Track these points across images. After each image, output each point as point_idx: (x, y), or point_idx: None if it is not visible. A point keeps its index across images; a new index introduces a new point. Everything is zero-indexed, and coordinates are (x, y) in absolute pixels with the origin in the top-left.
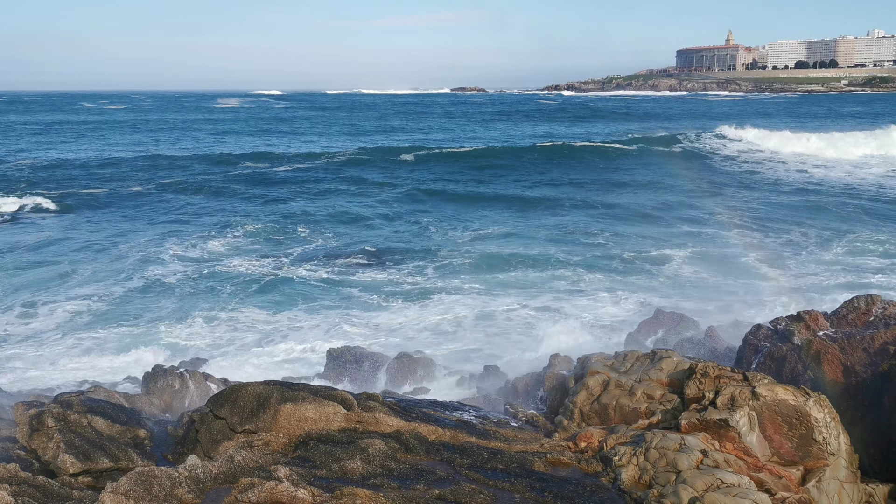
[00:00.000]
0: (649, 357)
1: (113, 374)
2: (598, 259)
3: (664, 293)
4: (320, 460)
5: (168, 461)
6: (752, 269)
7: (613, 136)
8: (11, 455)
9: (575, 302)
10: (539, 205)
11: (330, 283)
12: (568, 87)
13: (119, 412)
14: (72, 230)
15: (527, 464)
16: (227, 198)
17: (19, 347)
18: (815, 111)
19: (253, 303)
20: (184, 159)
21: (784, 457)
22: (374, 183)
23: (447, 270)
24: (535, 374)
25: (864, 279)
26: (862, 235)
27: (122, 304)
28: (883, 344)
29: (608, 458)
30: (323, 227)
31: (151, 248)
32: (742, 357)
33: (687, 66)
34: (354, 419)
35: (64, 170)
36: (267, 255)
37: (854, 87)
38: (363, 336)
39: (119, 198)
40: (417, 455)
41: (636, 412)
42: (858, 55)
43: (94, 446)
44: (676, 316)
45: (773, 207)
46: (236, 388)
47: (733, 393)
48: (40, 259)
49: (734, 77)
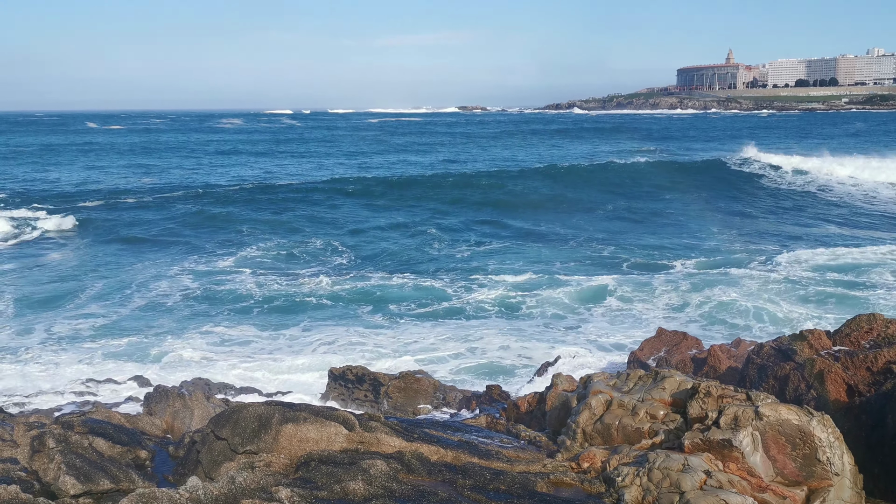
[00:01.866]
0: (652, 376)
1: (114, 394)
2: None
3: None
4: (322, 481)
5: (169, 482)
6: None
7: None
8: (12, 476)
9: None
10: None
11: (335, 302)
12: (569, 106)
13: (120, 433)
14: (79, 250)
15: (529, 485)
16: (237, 219)
17: (20, 366)
18: (829, 130)
19: (255, 321)
20: (197, 182)
21: (788, 477)
22: (387, 207)
23: (456, 291)
24: (538, 393)
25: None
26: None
27: (126, 322)
28: (886, 363)
29: (611, 478)
30: (331, 246)
31: (159, 267)
32: (745, 376)
33: (688, 85)
34: (356, 440)
35: (66, 187)
36: (273, 274)
37: (855, 105)
38: (365, 355)
39: (129, 216)
40: (419, 476)
41: (639, 432)
42: (858, 73)
43: (96, 467)
44: (679, 335)
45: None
46: (237, 409)
47: (736, 413)
48: (46, 277)
49: (735, 95)
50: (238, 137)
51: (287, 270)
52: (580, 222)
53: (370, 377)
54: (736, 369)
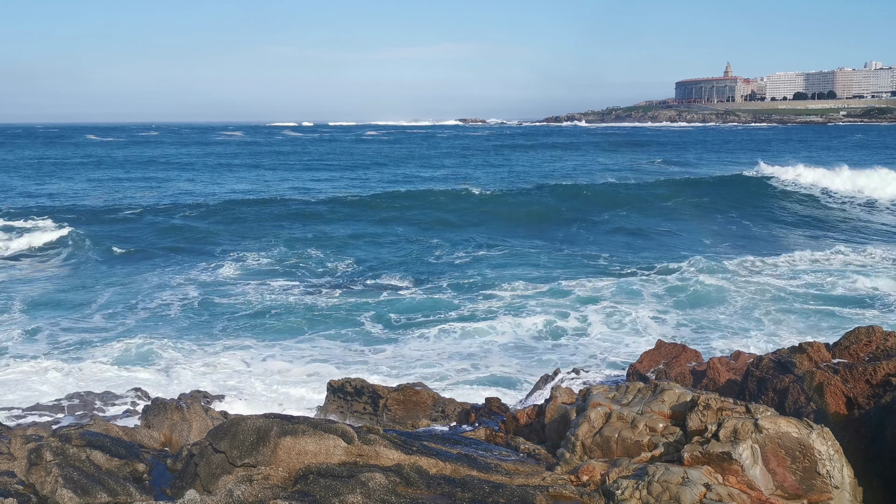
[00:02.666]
0: (651, 389)
1: (112, 407)
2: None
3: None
4: (320, 494)
5: (167, 496)
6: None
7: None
8: (9, 489)
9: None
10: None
11: (335, 313)
12: (568, 118)
13: (118, 446)
14: (83, 264)
15: (528, 498)
16: (235, 231)
17: (19, 376)
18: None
19: (255, 332)
20: (202, 193)
21: (788, 490)
22: (388, 220)
23: (459, 302)
24: (537, 405)
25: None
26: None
27: (122, 333)
28: (885, 375)
29: (610, 491)
30: (337, 257)
31: (161, 277)
32: (744, 389)
33: (686, 98)
34: (355, 452)
35: (67, 200)
36: (275, 285)
37: (853, 119)
38: (364, 367)
39: (129, 227)
40: (418, 489)
41: (638, 445)
42: (856, 86)
43: (93, 480)
44: (678, 347)
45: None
46: (236, 422)
47: (736, 425)
48: (51, 287)
49: (733, 108)
50: (236, 150)
51: (287, 282)
52: (586, 235)
53: (369, 389)
54: (735, 382)
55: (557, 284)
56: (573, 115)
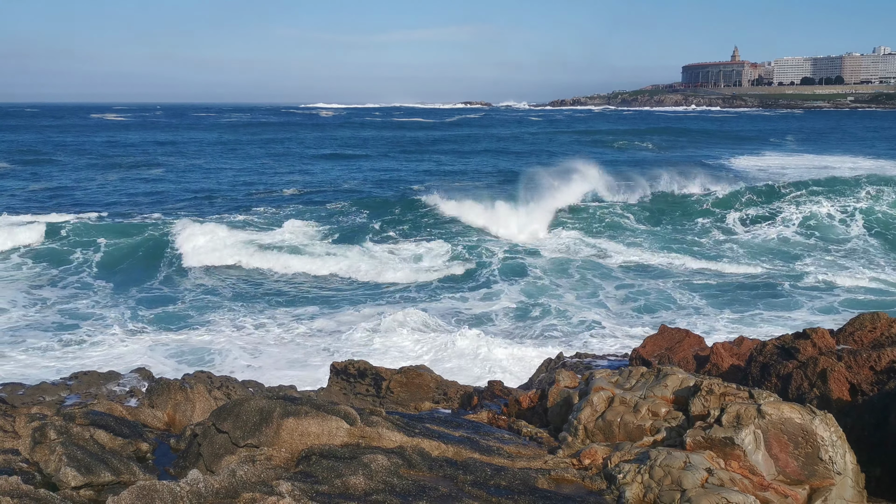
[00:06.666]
0: (654, 374)
1: (116, 386)
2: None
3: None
4: (322, 475)
5: (170, 475)
6: None
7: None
8: (13, 468)
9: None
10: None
11: (340, 295)
12: (574, 102)
13: (122, 425)
14: (88, 248)
15: (530, 481)
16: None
17: (23, 354)
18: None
19: (257, 314)
20: (200, 183)
21: (790, 476)
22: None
23: (466, 288)
24: (540, 389)
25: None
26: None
27: (128, 313)
28: (889, 362)
29: (612, 475)
30: (354, 235)
31: (170, 261)
32: (747, 374)
33: (692, 82)
34: (357, 434)
35: (68, 191)
36: (284, 266)
37: (860, 104)
38: (368, 350)
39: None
40: (420, 471)
41: (641, 429)
42: (864, 72)
43: (97, 459)
44: (681, 332)
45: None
46: (239, 402)
47: (738, 411)
48: (55, 273)
49: (740, 93)
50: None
51: (301, 263)
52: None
53: (372, 371)
54: (738, 367)
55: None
56: (578, 98)
